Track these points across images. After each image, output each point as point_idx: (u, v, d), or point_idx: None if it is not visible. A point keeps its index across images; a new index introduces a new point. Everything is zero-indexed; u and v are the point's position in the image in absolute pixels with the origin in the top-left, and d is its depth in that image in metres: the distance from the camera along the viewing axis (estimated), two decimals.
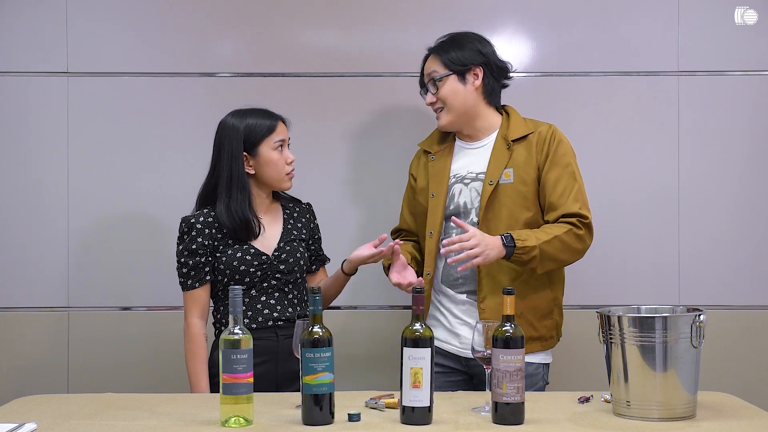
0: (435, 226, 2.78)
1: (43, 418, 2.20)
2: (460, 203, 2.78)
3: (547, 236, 2.64)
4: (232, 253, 2.70)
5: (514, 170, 2.73)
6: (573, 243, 2.69)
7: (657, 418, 2.13)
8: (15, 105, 3.33)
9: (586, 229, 2.70)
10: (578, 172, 2.77)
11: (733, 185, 3.34)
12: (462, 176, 2.80)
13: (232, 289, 2.16)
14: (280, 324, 2.73)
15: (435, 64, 2.82)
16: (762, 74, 3.33)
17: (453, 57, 2.79)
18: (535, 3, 3.37)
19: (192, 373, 2.70)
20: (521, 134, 2.78)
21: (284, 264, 2.75)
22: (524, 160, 2.75)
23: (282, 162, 2.75)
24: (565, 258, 2.71)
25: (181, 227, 2.74)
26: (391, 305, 3.31)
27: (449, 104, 2.79)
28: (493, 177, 2.73)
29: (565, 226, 2.69)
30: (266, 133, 2.74)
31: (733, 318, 3.32)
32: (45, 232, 3.32)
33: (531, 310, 2.73)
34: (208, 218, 2.73)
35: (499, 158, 2.76)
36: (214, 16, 3.35)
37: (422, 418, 2.10)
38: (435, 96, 2.81)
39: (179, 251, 2.73)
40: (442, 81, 2.79)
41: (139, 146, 3.33)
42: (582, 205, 2.72)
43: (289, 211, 2.86)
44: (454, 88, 2.79)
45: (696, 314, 2.15)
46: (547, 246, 2.63)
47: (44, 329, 3.32)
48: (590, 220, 2.72)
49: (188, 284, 2.72)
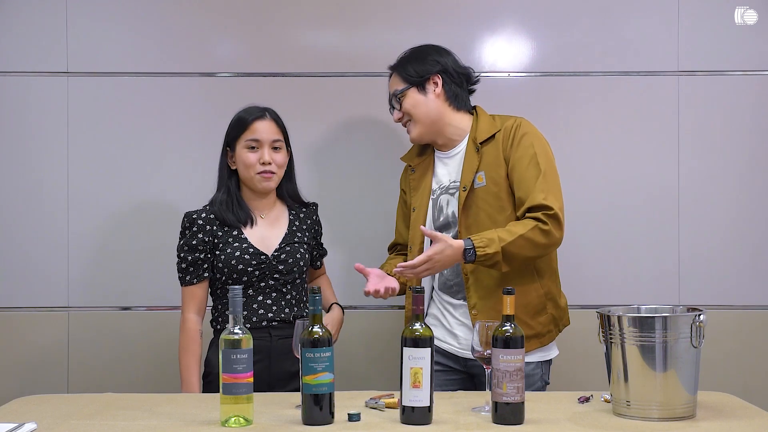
0: (415, 241, 2.79)
1: (43, 418, 2.20)
2: (449, 213, 2.77)
3: (510, 236, 2.58)
4: (231, 252, 2.70)
5: (485, 172, 2.72)
6: (538, 239, 2.61)
7: (657, 418, 2.13)
8: (15, 105, 3.33)
9: (552, 221, 2.61)
10: (547, 162, 2.68)
11: (733, 185, 3.34)
12: (446, 186, 2.80)
13: (231, 288, 2.16)
14: (274, 324, 2.73)
15: (396, 81, 2.84)
16: (762, 74, 3.33)
17: (410, 71, 2.80)
18: (535, 3, 3.37)
19: (184, 367, 2.70)
20: (488, 134, 2.75)
21: (283, 264, 2.75)
22: (493, 160, 2.72)
23: (252, 162, 2.72)
24: (532, 254, 2.64)
25: (183, 222, 2.75)
26: (391, 305, 3.31)
27: (414, 116, 2.79)
28: (466, 182, 2.72)
29: (530, 222, 2.61)
30: (239, 131, 2.75)
31: (733, 318, 3.32)
32: (45, 232, 3.32)
33: (522, 307, 2.65)
34: (210, 215, 2.73)
35: (470, 163, 2.74)
36: (214, 16, 3.35)
37: (422, 418, 2.10)
38: (400, 111, 2.82)
39: (179, 246, 2.74)
40: (404, 95, 2.80)
41: (139, 146, 3.33)
42: (547, 195, 2.62)
43: (296, 212, 2.86)
44: (416, 100, 2.79)
45: (696, 314, 2.15)
46: (511, 246, 2.57)
47: (44, 329, 3.33)
48: (555, 211, 2.61)
49: (186, 280, 2.73)
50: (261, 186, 2.75)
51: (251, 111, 2.77)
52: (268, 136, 2.74)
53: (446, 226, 2.77)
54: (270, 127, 2.76)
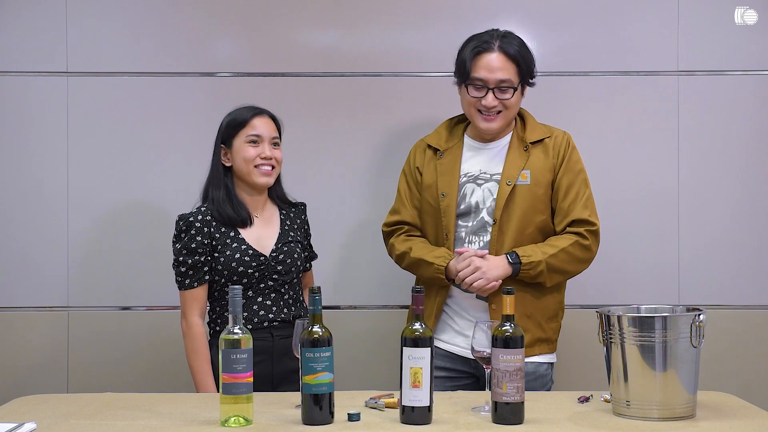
0: (450, 228, 2.76)
1: (42, 417, 2.20)
2: (472, 203, 2.76)
3: (552, 249, 2.68)
4: (231, 254, 2.70)
5: (531, 172, 2.74)
6: (579, 254, 2.72)
7: (657, 418, 2.13)
8: (15, 105, 3.33)
9: (592, 237, 2.74)
10: (588, 181, 2.80)
11: (732, 185, 3.34)
12: (474, 176, 2.79)
13: (231, 288, 2.16)
14: (275, 325, 2.73)
15: (510, 70, 2.73)
16: (762, 74, 3.33)
17: (525, 70, 2.76)
18: (535, 3, 3.37)
19: (197, 372, 2.68)
20: (539, 137, 2.79)
21: (281, 265, 2.75)
22: (541, 163, 2.75)
23: (253, 156, 2.73)
24: (572, 269, 2.75)
25: (178, 225, 2.74)
26: (391, 305, 3.31)
27: (509, 112, 2.77)
28: (511, 177, 2.73)
29: (571, 237, 2.71)
30: (239, 126, 2.75)
31: (732, 318, 3.32)
32: (45, 232, 3.32)
33: (542, 311, 2.74)
34: (206, 216, 2.73)
35: (516, 159, 2.76)
36: (214, 16, 3.35)
37: (422, 418, 2.10)
38: (500, 101, 2.74)
39: (177, 250, 2.72)
40: (516, 91, 2.75)
41: (138, 146, 3.33)
42: (591, 213, 2.76)
43: (286, 211, 2.86)
44: (518, 98, 2.78)
45: (696, 314, 2.15)
46: (554, 259, 2.67)
47: (44, 329, 3.32)
48: (597, 228, 2.75)
49: (186, 283, 2.71)
50: (259, 180, 2.75)
51: (249, 109, 2.79)
52: (268, 132, 2.77)
53: (466, 214, 2.76)
54: (269, 124, 2.78)
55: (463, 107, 2.83)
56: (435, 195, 2.80)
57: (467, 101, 2.78)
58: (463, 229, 2.75)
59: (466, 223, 2.75)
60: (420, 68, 3.33)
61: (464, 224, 2.75)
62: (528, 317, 2.69)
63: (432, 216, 2.81)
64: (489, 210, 2.74)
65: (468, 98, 2.77)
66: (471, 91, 2.75)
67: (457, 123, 2.90)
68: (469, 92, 2.75)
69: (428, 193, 2.82)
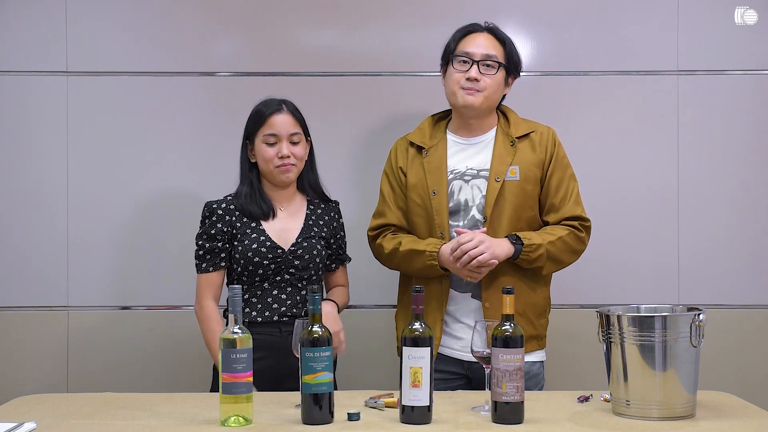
0: (444, 226, 2.74)
1: (42, 417, 2.20)
2: (461, 200, 2.74)
3: (551, 237, 2.68)
4: (249, 244, 2.70)
5: (519, 168, 2.73)
6: (574, 245, 2.73)
7: (656, 418, 2.13)
8: (15, 104, 3.33)
9: (586, 231, 2.76)
10: (575, 175, 2.81)
11: (732, 185, 3.34)
12: (461, 172, 2.76)
13: (231, 288, 2.16)
14: (285, 320, 2.71)
15: (497, 48, 2.75)
16: (762, 74, 3.33)
17: (514, 56, 2.77)
18: (534, 3, 3.37)
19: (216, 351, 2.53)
20: (524, 132, 2.77)
21: (299, 260, 2.73)
22: (529, 158, 2.74)
23: (271, 156, 2.72)
24: (567, 259, 2.75)
25: (203, 211, 2.76)
26: (391, 305, 3.31)
27: (488, 92, 2.73)
28: (500, 174, 2.71)
29: (567, 228, 2.73)
30: (257, 126, 2.75)
31: (732, 318, 3.32)
32: (45, 232, 3.32)
33: (531, 307, 2.73)
34: (230, 205, 2.74)
35: (503, 155, 2.74)
36: (214, 16, 3.35)
37: (422, 418, 2.10)
38: (483, 76, 2.72)
39: (198, 234, 2.75)
40: (499, 69, 2.74)
41: (138, 146, 3.33)
42: (582, 209, 2.77)
43: (314, 207, 2.85)
44: (498, 82, 2.74)
45: (695, 314, 2.15)
46: (552, 247, 2.67)
47: (44, 329, 3.32)
48: (590, 223, 2.77)
49: (202, 267, 2.72)
50: (281, 178, 2.75)
51: (268, 104, 2.77)
52: (286, 129, 2.74)
53: (456, 213, 2.75)
54: (287, 120, 2.75)
55: (447, 90, 2.79)
56: (423, 194, 2.76)
57: (452, 79, 2.75)
58: (454, 228, 2.73)
59: (457, 221, 2.74)
60: (419, 68, 3.33)
61: (455, 223, 2.73)
62: (520, 315, 2.67)
63: (422, 216, 2.77)
64: (479, 207, 2.73)
65: (452, 75, 2.74)
66: (456, 65, 2.74)
67: (439, 119, 2.88)
68: (454, 66, 2.74)
69: (415, 193, 2.78)
